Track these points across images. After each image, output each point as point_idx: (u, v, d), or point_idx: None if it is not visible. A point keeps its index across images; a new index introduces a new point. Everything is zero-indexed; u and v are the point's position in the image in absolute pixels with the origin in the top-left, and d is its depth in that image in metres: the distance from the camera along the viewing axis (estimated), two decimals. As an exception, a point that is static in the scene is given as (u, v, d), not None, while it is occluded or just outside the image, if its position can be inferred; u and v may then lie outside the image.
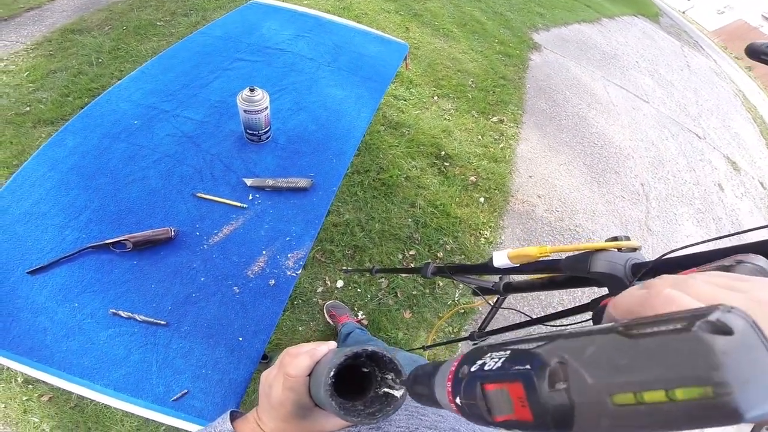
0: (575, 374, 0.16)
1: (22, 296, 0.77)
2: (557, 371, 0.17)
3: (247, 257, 0.90)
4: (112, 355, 0.74)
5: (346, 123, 1.22)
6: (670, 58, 6.22)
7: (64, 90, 2.22)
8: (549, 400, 0.16)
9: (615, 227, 2.71)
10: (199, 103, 1.15)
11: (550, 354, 0.17)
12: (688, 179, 3.48)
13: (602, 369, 0.16)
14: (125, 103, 1.11)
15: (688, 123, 4.42)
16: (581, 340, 0.17)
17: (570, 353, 0.17)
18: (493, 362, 0.20)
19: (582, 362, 0.16)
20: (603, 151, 3.31)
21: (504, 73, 3.59)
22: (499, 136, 2.94)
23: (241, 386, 0.76)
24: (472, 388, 0.21)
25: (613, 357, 0.16)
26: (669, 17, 9.23)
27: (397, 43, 1.58)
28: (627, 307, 0.23)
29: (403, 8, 3.90)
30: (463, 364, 0.23)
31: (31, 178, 0.92)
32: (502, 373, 0.19)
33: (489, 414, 0.20)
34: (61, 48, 2.49)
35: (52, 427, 1.36)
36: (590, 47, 5.05)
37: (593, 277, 0.56)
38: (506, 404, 0.19)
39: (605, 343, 0.16)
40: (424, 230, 2.15)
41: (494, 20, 4.46)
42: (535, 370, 0.17)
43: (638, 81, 4.78)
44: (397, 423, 0.40)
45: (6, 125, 2.01)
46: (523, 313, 0.89)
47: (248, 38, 1.39)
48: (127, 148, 1.01)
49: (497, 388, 0.19)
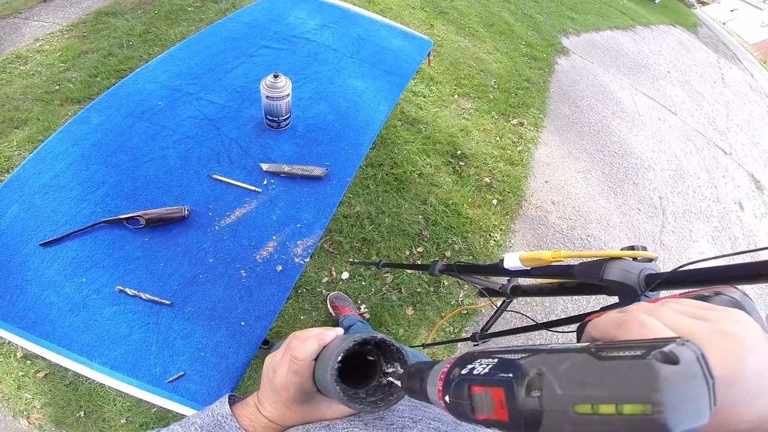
0: (548, 385, 0.19)
1: (32, 268, 0.78)
2: (534, 381, 0.19)
3: (256, 241, 0.90)
4: (113, 332, 0.75)
5: (364, 115, 1.22)
6: (704, 69, 6.01)
7: (93, 70, 2.28)
8: (524, 405, 0.19)
9: (628, 239, 2.66)
10: (223, 88, 1.17)
11: (531, 366, 0.20)
12: (708, 195, 3.39)
13: (571, 383, 0.18)
14: (152, 84, 1.12)
15: (715, 137, 4.28)
16: (559, 356, 0.20)
17: (547, 366, 0.19)
18: (482, 368, 0.23)
19: (555, 375, 0.19)
20: (623, 161, 3.24)
21: (528, 76, 3.53)
22: (518, 139, 2.90)
23: (238, 371, 0.76)
24: (460, 389, 0.23)
25: (581, 374, 0.18)
26: (708, 28, 8.92)
27: (421, 39, 1.57)
28: (605, 328, 0.25)
29: (429, 5, 3.86)
30: (455, 367, 0.25)
31: (53, 152, 0.94)
32: (488, 379, 0.22)
33: (473, 412, 0.22)
34: (95, 30, 2.55)
35: (44, 404, 1.38)
36: (621, 54, 4.92)
37: (605, 285, 0.55)
38: (488, 405, 0.21)
39: (577, 362, 0.19)
40: (434, 228, 2.14)
41: (523, 22, 4.38)
42: (516, 378, 0.20)
43: (668, 91, 4.65)
44: (401, 413, 0.40)
45: (35, 102, 2.08)
46: (528, 317, 0.88)
47: (275, 26, 1.40)
48: (149, 128, 1.03)
49: (482, 390, 0.22)
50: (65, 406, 1.39)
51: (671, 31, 6.88)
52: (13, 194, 0.86)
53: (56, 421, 1.37)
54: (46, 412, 1.38)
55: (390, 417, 0.39)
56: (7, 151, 1.87)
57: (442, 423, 0.39)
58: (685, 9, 9.33)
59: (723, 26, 10.11)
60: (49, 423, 1.37)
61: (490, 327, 1.09)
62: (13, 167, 1.79)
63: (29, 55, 2.31)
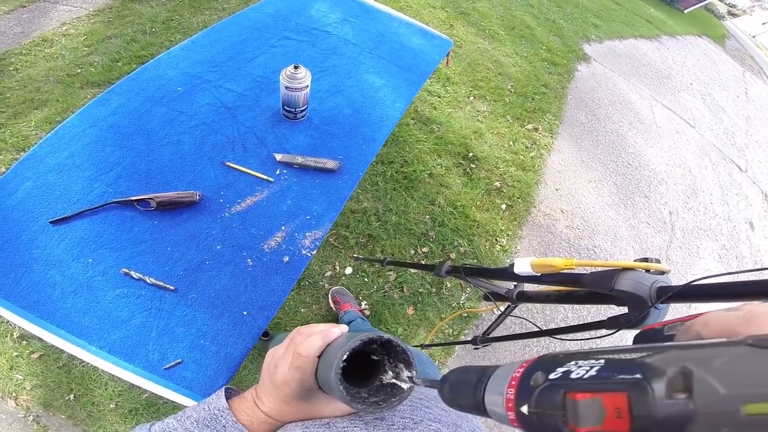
0: (703, 383, 0.16)
1: (40, 246, 0.78)
2: (677, 380, 0.16)
3: (265, 230, 0.91)
4: (114, 316, 0.75)
5: (379, 111, 1.21)
6: (729, 82, 5.86)
7: (115, 55, 2.30)
8: (663, 410, 0.16)
9: (634, 252, 2.63)
10: (242, 77, 1.17)
11: (667, 363, 0.17)
12: (720, 213, 3.33)
13: (737, 379, 0.16)
14: (172, 70, 1.13)
15: (732, 153, 4.20)
16: (703, 351, 0.17)
17: (694, 363, 0.17)
18: (583, 371, 0.20)
19: (711, 372, 0.16)
20: (636, 174, 3.19)
21: (546, 81, 3.50)
22: (532, 145, 2.87)
23: (236, 361, 0.76)
24: (551, 397, 0.20)
25: (750, 368, 0.16)
26: (737, 40, 8.67)
27: (441, 38, 1.56)
28: (726, 324, 0.24)
29: (450, 5, 3.82)
30: (536, 371, 0.22)
31: (71, 132, 0.95)
32: (600, 383, 0.19)
33: (566, 425, 0.19)
34: (120, 16, 2.57)
35: (34, 386, 1.38)
36: (643, 64, 4.83)
37: (615, 295, 0.55)
38: (597, 415, 0.18)
39: (738, 354, 0.16)
40: (440, 229, 2.13)
41: (545, 27, 4.32)
42: (648, 378, 0.17)
43: (688, 104, 4.56)
44: (402, 413, 0.39)
45: (56, 84, 2.11)
46: (533, 323, 0.88)
47: (297, 18, 1.40)
48: (167, 113, 1.04)
49: (590, 397, 0.18)
50: (55, 389, 1.39)
51: (698, 42, 6.72)
52: (27, 171, 0.87)
53: (44, 404, 1.37)
54: (36, 393, 1.38)
55: (391, 417, 0.38)
56: (24, 131, 1.90)
57: (442, 424, 0.39)
58: (714, 20, 9.08)
59: (752, 39, 9.85)
60: (36, 405, 1.37)
61: (492, 331, 1.08)
62: (29, 146, 1.81)
63: (55, 39, 2.35)
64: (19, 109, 1.96)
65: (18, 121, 1.92)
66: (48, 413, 1.37)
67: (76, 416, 1.38)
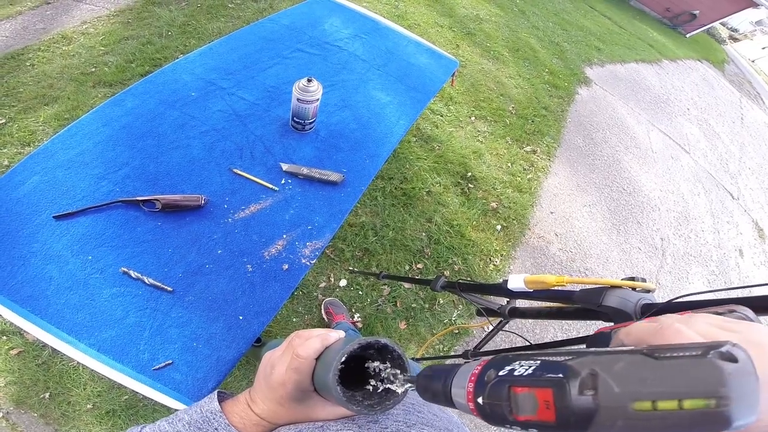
0: (604, 383, 0.19)
1: (40, 240, 0.78)
2: (587, 380, 0.20)
3: (267, 238, 0.92)
4: (108, 314, 0.74)
5: (384, 128, 1.24)
6: (725, 108, 5.96)
7: (130, 56, 2.33)
8: (577, 404, 0.20)
9: (625, 276, 2.65)
10: (255, 86, 1.20)
11: (582, 366, 0.21)
12: (710, 241, 3.38)
13: (629, 381, 0.19)
14: (188, 75, 1.16)
15: (725, 180, 4.27)
16: (610, 357, 0.21)
17: (600, 367, 0.20)
18: (523, 369, 0.24)
19: (611, 374, 0.20)
20: (630, 199, 3.25)
21: (547, 104, 3.57)
22: (529, 167, 2.92)
23: (227, 365, 0.76)
24: (499, 390, 0.24)
25: (639, 372, 0.19)
26: (736, 65, 8.80)
27: (447, 59, 1.60)
28: (639, 335, 0.27)
29: (457, 25, 3.91)
30: (490, 368, 0.26)
31: (84, 130, 0.96)
32: (534, 379, 0.22)
33: (511, 413, 0.23)
34: (139, 18, 2.62)
35: (8, 382, 1.35)
36: (642, 88, 4.92)
37: (603, 311, 0.58)
38: (531, 406, 0.22)
39: (633, 361, 0.20)
40: (436, 246, 2.15)
41: (549, 49, 4.42)
42: (567, 378, 0.21)
43: (684, 129, 4.64)
44: (395, 417, 0.40)
45: (70, 82, 2.13)
46: (523, 338, 0.89)
47: (311, 31, 1.44)
48: (179, 117, 1.06)
49: (526, 391, 0.22)
50: (31, 386, 1.35)
51: (697, 67, 6.83)
52: (36, 166, 0.87)
53: (17, 401, 1.33)
54: (9, 390, 1.34)
55: (384, 421, 0.39)
56: (32, 126, 1.90)
57: (434, 429, 0.40)
58: (715, 45, 9.25)
59: (752, 64, 10.00)
60: (8, 402, 1.33)
61: (483, 346, 1.10)
62: (35, 141, 1.83)
63: (74, 37, 2.38)
64: (30, 104, 1.98)
65: (27, 116, 1.92)
66: (19, 410, 1.33)
67: (49, 415, 1.34)
